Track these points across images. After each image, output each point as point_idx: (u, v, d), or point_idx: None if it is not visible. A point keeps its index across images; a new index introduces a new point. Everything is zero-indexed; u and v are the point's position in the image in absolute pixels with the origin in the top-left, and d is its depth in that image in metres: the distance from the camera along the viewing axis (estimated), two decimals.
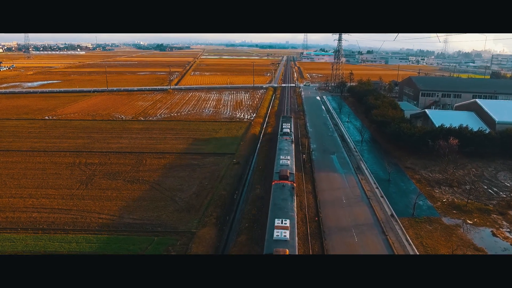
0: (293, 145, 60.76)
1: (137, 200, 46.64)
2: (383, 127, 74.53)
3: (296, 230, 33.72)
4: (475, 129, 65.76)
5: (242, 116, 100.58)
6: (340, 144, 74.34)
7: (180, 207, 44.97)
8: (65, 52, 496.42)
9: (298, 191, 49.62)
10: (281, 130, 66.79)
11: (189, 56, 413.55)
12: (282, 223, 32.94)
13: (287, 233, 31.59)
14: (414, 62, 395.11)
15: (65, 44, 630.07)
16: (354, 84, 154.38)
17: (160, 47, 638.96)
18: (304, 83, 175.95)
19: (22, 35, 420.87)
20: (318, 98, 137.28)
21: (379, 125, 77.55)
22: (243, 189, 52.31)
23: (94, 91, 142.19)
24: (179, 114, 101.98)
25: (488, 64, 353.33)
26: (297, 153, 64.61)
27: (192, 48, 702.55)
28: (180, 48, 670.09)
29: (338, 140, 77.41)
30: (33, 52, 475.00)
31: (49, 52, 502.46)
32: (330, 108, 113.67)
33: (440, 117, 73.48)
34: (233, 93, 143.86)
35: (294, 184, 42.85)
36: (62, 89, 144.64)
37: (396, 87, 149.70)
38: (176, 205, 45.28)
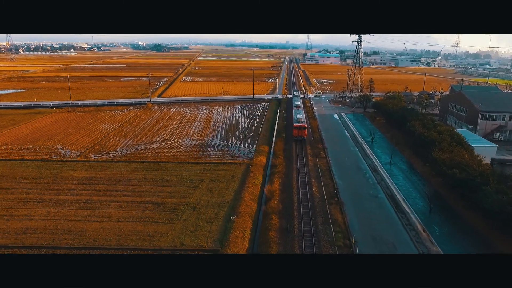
0: None
1: None
2: (468, 191, 45.03)
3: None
4: None
5: (237, 151, 71.30)
6: (395, 218, 44.87)
7: None
8: (55, 53, 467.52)
9: None
10: None
11: (185, 58, 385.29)
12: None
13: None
14: (424, 64, 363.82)
15: (61, 44, 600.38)
16: (377, 94, 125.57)
17: (157, 47, 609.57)
18: (315, 94, 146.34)
19: (5, 36, 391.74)
20: (336, 116, 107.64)
21: (457, 183, 47.89)
22: None
23: (52, 107, 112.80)
24: (148, 146, 72.68)
25: (508, 67, 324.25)
26: None
27: (191, 49, 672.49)
28: (177, 49, 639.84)
29: (389, 206, 47.97)
30: (23, 53, 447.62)
31: (40, 53, 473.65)
32: (357, 135, 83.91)
33: None
34: (228, 109, 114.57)
35: None
36: (12, 104, 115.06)
37: (432, 100, 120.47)
38: None
